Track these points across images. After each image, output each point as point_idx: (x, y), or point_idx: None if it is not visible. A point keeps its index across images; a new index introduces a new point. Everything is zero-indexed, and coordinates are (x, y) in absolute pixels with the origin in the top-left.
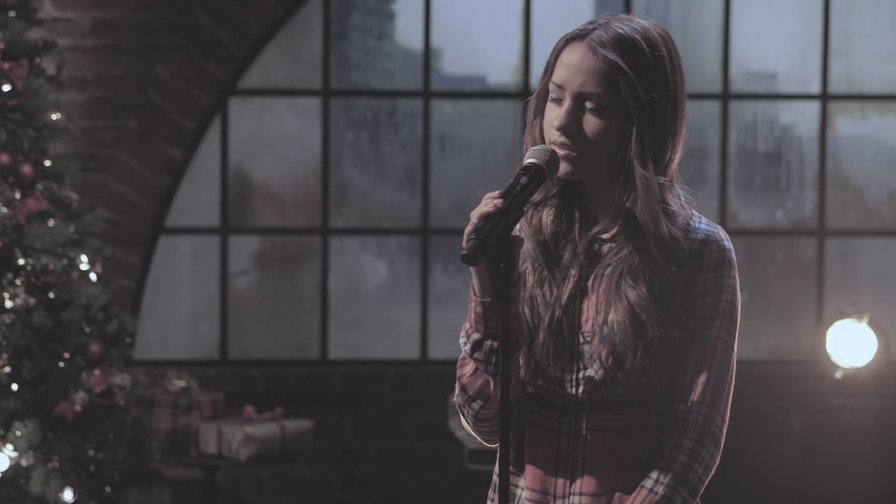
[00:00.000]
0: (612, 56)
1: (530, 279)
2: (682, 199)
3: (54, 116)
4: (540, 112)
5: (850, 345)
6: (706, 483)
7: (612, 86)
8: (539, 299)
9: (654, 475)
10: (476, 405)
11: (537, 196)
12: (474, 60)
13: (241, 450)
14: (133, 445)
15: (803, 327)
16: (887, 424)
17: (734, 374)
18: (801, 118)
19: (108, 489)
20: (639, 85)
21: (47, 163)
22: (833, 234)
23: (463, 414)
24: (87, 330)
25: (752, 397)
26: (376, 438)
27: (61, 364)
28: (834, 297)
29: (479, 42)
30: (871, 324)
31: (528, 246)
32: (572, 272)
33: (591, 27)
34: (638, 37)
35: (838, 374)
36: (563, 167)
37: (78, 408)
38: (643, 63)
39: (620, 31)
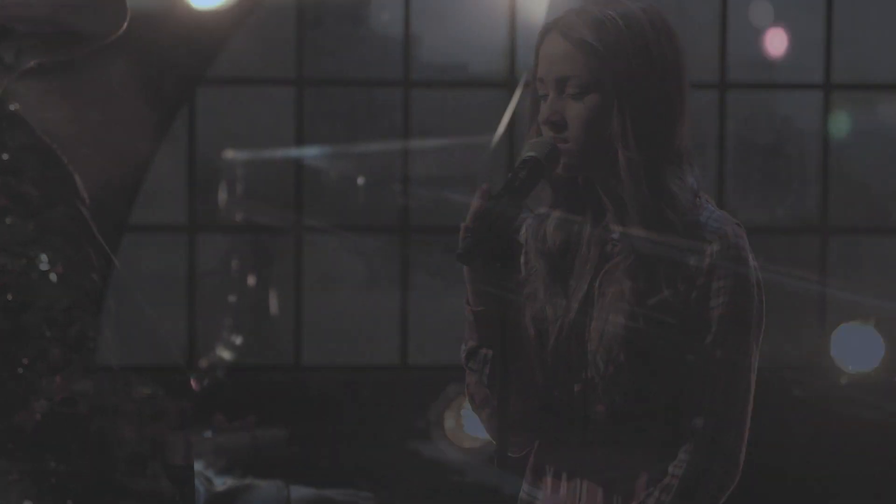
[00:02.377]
0: (582, 34)
1: (541, 293)
2: (693, 183)
3: (12, 107)
4: (536, 116)
5: (856, 349)
6: (722, 502)
7: (585, 65)
8: (549, 313)
9: (657, 493)
10: (484, 414)
11: (541, 208)
12: (456, 48)
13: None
14: (96, 457)
15: (806, 330)
16: None
17: (753, 382)
18: (803, 109)
19: (70, 503)
20: (612, 58)
21: (5, 156)
22: (837, 231)
23: (481, 420)
24: (48, 334)
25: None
26: (354, 448)
27: (20, 370)
28: (838, 298)
29: (461, 28)
30: (879, 327)
31: (535, 261)
32: (582, 283)
33: (563, 15)
34: (612, 13)
35: (844, 380)
36: (562, 163)
37: (38, 417)
38: (615, 36)
39: (593, 12)
